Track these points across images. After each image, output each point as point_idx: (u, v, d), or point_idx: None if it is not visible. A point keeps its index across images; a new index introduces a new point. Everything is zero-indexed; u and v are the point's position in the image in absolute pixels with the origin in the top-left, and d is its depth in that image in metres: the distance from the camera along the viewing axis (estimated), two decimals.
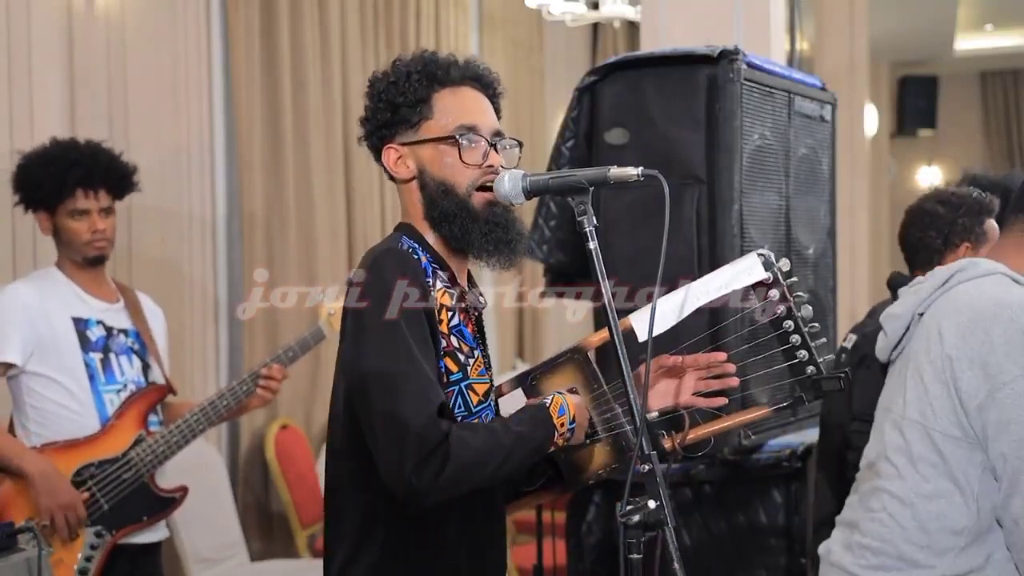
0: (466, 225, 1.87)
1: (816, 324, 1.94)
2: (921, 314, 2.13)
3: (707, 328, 2.21)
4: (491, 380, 1.98)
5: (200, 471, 4.25)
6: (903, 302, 2.20)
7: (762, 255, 1.93)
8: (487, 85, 1.96)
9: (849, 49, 7.57)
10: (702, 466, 2.71)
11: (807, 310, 1.93)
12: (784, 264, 1.93)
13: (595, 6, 5.75)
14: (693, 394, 1.99)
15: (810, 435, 3.16)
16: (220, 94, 4.50)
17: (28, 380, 2.91)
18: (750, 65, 2.84)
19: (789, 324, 1.93)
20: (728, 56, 2.78)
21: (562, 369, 2.03)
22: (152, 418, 3.06)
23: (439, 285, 1.87)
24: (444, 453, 1.71)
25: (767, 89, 2.93)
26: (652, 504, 1.63)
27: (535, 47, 7.39)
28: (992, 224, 2.78)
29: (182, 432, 3.00)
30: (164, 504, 3.05)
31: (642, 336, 1.92)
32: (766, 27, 3.77)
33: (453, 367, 1.87)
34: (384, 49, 5.55)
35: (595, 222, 1.73)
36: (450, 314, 1.88)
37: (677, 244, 2.75)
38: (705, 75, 2.79)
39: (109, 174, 3.03)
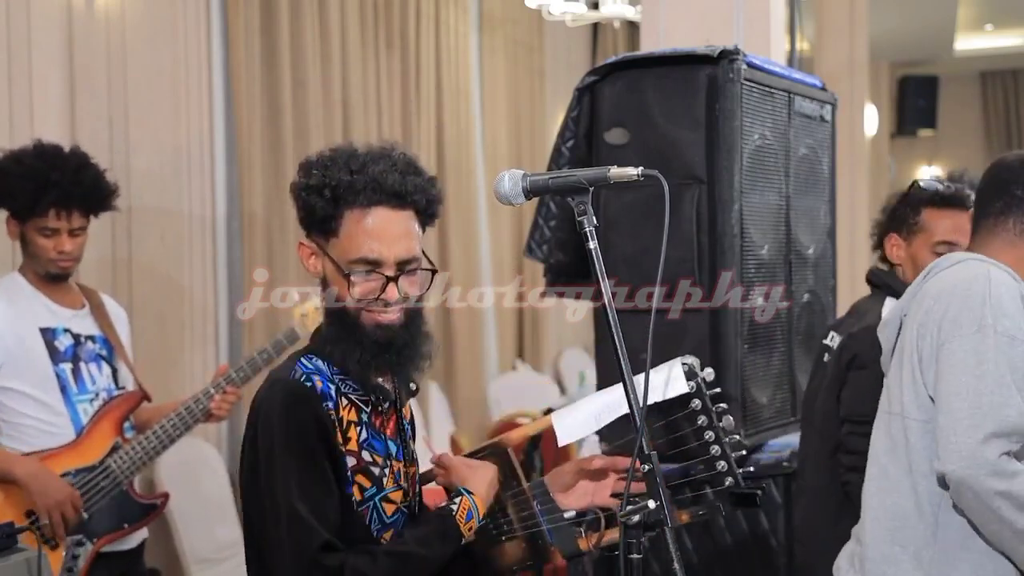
0: (349, 350, 1.83)
1: (737, 436, 1.95)
2: (905, 315, 2.16)
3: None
4: (408, 481, 1.96)
5: (200, 471, 4.26)
6: (891, 310, 2.23)
7: (686, 364, 1.93)
8: (407, 201, 1.84)
9: (849, 49, 7.56)
10: (701, 466, 2.71)
11: (728, 421, 1.93)
12: (708, 373, 1.93)
13: (595, 6, 5.75)
14: (611, 495, 2.00)
15: None
16: (220, 94, 4.50)
17: None
18: (750, 65, 2.83)
19: (710, 435, 1.93)
20: (728, 56, 2.78)
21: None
22: (127, 425, 3.02)
23: (345, 402, 1.85)
24: None
25: (767, 89, 2.93)
26: (652, 504, 1.63)
27: (535, 47, 7.39)
28: (933, 214, 2.78)
29: (159, 438, 2.96)
30: (145, 511, 3.02)
31: (562, 440, 1.98)
32: (766, 27, 3.76)
33: (366, 483, 1.86)
34: (384, 49, 5.55)
35: (595, 222, 1.73)
36: (359, 429, 1.86)
37: (677, 244, 2.75)
38: (705, 75, 2.79)
39: (88, 196, 2.94)
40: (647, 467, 1.65)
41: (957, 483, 1.91)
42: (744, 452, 1.96)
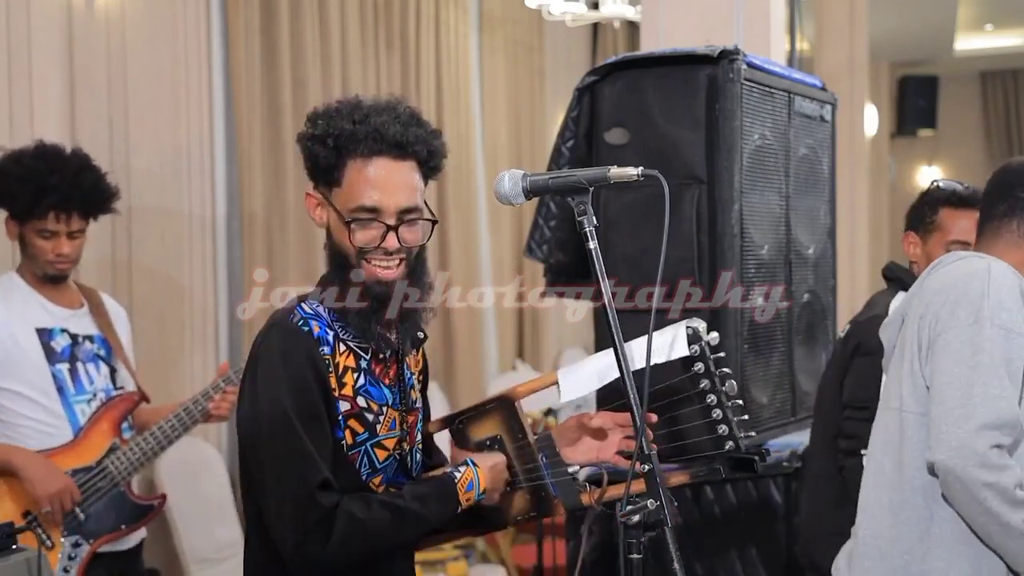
0: (346, 304, 1.87)
1: (740, 401, 1.95)
2: (907, 313, 2.18)
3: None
4: (405, 429, 1.98)
5: (200, 471, 4.26)
6: (895, 309, 2.26)
7: (691, 328, 1.93)
8: (409, 152, 1.87)
9: (849, 49, 7.57)
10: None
11: (731, 386, 1.93)
12: (713, 338, 1.93)
13: (595, 6, 5.75)
14: (616, 453, 2.01)
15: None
16: (220, 94, 4.50)
17: None
18: (750, 65, 2.83)
19: (712, 399, 1.94)
20: (728, 56, 2.78)
21: (489, 416, 2.06)
22: (124, 425, 3.01)
23: (343, 348, 1.88)
24: (327, 528, 1.78)
25: (767, 89, 2.93)
26: (652, 504, 1.63)
27: (535, 47, 7.39)
28: (950, 213, 2.79)
29: (157, 439, 2.95)
30: (142, 512, 3.01)
31: (564, 396, 1.99)
32: (766, 27, 3.77)
33: (359, 428, 1.89)
34: (384, 49, 5.56)
35: (595, 222, 1.73)
36: (356, 375, 1.89)
37: (677, 244, 2.75)
38: (705, 75, 2.79)
39: (88, 199, 2.93)
40: (647, 467, 1.65)
41: (945, 472, 1.92)
42: (746, 416, 1.97)
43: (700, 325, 1.94)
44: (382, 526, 1.83)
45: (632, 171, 1.71)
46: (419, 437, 2.06)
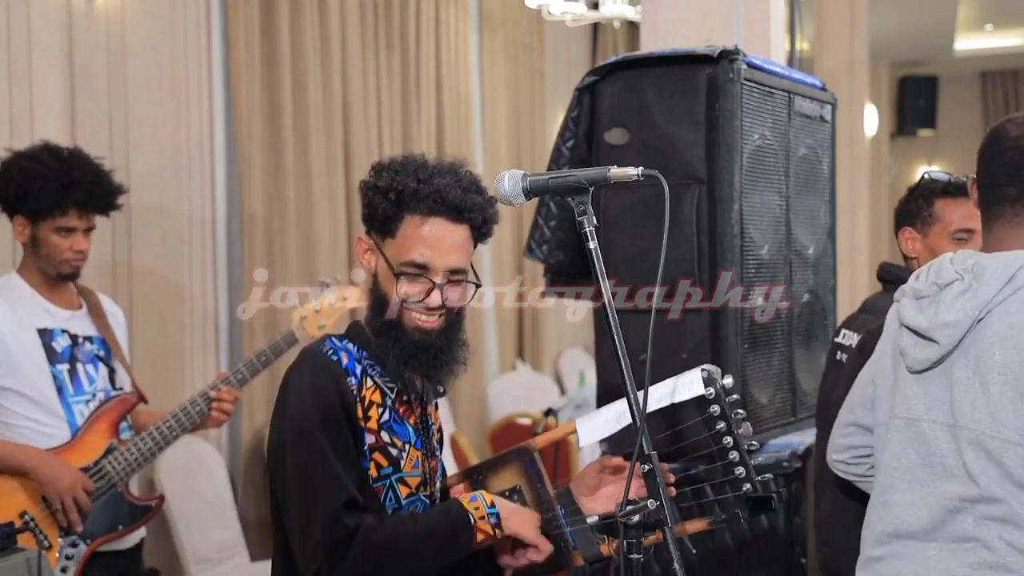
0: (387, 345, 1.93)
1: (756, 442, 1.97)
2: (980, 319, 1.85)
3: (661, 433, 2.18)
4: (427, 471, 2.03)
5: (200, 471, 4.26)
6: (956, 308, 1.87)
7: (705, 371, 1.96)
8: (464, 217, 1.94)
9: (849, 49, 7.57)
10: (702, 466, 2.76)
11: (747, 428, 1.96)
12: (728, 381, 1.96)
13: (595, 6, 5.76)
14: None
15: (810, 435, 3.15)
16: (220, 94, 4.51)
17: None
18: (750, 65, 2.83)
19: (728, 440, 1.96)
20: (728, 56, 2.78)
21: (508, 466, 2.09)
22: (122, 426, 3.01)
23: (369, 383, 1.95)
24: (347, 547, 1.82)
25: (767, 89, 2.93)
26: (652, 504, 1.63)
27: (535, 47, 7.40)
28: (947, 203, 2.75)
29: (155, 440, 2.95)
30: (140, 512, 3.01)
31: (583, 442, 2.05)
32: (766, 27, 3.76)
33: (384, 461, 1.94)
34: (384, 49, 5.56)
35: (595, 222, 1.73)
36: (381, 410, 1.95)
37: (677, 244, 2.75)
38: (705, 75, 2.79)
39: (108, 195, 2.99)
40: (647, 467, 1.65)
41: None
42: (762, 459, 1.98)
43: (715, 369, 1.98)
44: (397, 542, 1.87)
45: (632, 171, 1.71)
46: (439, 485, 2.10)
